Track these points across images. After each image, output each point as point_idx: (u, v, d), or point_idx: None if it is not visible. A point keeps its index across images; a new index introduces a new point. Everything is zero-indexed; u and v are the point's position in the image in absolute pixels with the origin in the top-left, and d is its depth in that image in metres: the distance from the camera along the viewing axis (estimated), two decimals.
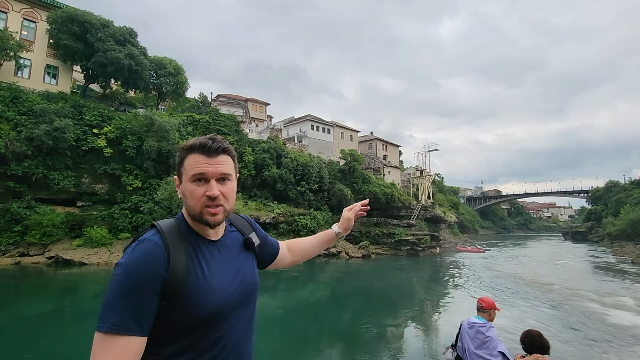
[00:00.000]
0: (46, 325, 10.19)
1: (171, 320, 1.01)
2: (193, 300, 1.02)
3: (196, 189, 1.11)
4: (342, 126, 45.24)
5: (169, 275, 1.00)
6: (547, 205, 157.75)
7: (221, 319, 1.09)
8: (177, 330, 1.02)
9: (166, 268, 1.00)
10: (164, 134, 23.25)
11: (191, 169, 1.12)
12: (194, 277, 1.05)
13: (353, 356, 8.77)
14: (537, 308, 13.61)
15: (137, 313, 0.95)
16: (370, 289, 17.89)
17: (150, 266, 0.99)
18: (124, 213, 22.39)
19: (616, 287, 18.66)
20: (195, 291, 1.03)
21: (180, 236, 1.10)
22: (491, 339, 3.52)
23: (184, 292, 1.01)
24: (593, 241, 59.60)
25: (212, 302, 1.06)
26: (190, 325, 1.03)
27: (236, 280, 1.16)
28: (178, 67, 30.26)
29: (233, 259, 1.22)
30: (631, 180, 67.70)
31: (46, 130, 19.56)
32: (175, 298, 1.00)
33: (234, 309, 1.13)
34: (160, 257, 1.01)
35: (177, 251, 1.04)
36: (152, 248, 1.02)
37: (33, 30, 24.67)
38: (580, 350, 9.03)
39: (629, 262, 31.81)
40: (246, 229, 1.35)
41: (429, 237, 36.16)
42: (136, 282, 0.96)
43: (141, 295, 0.96)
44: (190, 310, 1.02)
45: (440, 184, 69.37)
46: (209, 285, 1.07)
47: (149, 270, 0.98)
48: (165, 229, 1.08)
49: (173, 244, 1.05)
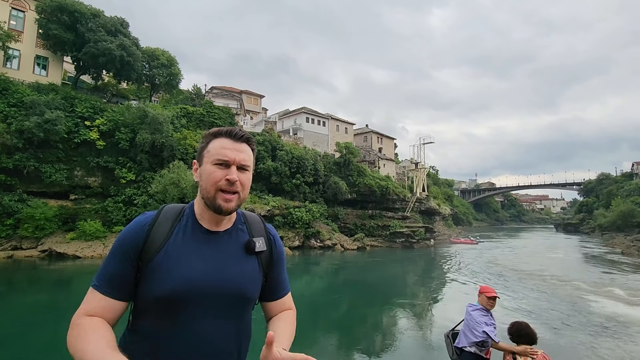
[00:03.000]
0: (40, 319, 10.15)
1: (142, 294, 1.11)
2: (156, 275, 1.09)
3: (216, 171, 1.14)
4: (337, 119, 45.09)
5: (144, 248, 1.11)
6: (539, 197, 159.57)
7: (182, 307, 1.07)
8: (145, 306, 1.11)
9: (144, 241, 1.12)
10: (157, 126, 22.99)
11: (216, 152, 1.15)
12: (164, 255, 1.11)
13: (349, 346, 8.88)
14: (527, 298, 13.83)
15: (110, 276, 1.10)
16: (365, 281, 18.04)
17: (131, 237, 1.13)
18: (118, 206, 22.24)
19: (606, 278, 19.02)
20: (160, 268, 1.09)
21: (175, 218, 1.18)
22: (472, 319, 3.78)
23: (150, 266, 1.10)
24: (584, 233, 60.55)
25: (171, 282, 1.07)
26: (154, 302, 1.08)
27: (210, 270, 1.12)
28: (171, 59, 29.84)
29: (222, 253, 1.17)
30: (622, 172, 68.69)
31: (37, 123, 19.25)
32: (143, 271, 1.10)
33: (197, 300, 1.08)
34: (142, 231, 1.13)
35: (161, 229, 1.14)
36: (140, 221, 1.16)
37: (22, 19, 24.10)
38: (569, 340, 9.22)
39: (619, 253, 32.40)
40: (256, 232, 1.29)
41: (424, 230, 36.47)
42: (116, 249, 1.13)
43: (116, 261, 1.11)
44: (154, 285, 1.08)
45: (434, 177, 69.71)
46: (174, 265, 1.10)
47: (128, 240, 1.13)
48: (166, 210, 1.20)
49: (162, 222, 1.15)
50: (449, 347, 4.09)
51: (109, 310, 1.08)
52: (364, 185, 34.68)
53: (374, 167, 41.50)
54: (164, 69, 28.99)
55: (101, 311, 1.07)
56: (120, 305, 1.11)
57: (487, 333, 3.63)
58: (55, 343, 8.24)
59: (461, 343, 3.87)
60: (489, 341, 3.64)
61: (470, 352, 3.76)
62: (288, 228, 27.86)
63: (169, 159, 23.47)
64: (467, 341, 3.78)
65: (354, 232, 32.85)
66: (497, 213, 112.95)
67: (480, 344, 3.68)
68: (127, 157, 23.25)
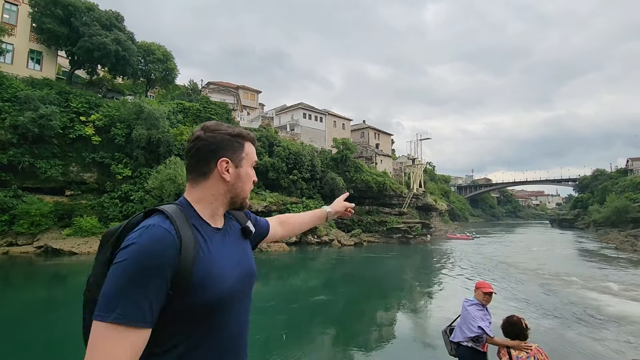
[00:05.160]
0: (36, 315, 10.14)
1: (173, 308, 0.97)
2: (199, 287, 1.00)
3: (253, 174, 1.25)
4: (334, 114, 45.01)
5: (180, 263, 0.97)
6: (535, 193, 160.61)
7: (224, 308, 1.08)
8: (177, 319, 0.99)
9: (178, 255, 0.97)
10: (153, 121, 22.85)
11: (253, 157, 1.24)
12: (201, 263, 1.02)
13: (346, 342, 8.93)
14: (522, 292, 13.96)
15: (146, 302, 0.89)
16: (362, 276, 18.13)
17: (163, 252, 0.94)
18: (114, 202, 22.15)
19: (600, 272, 19.22)
20: (202, 279, 1.01)
21: (186, 222, 1.07)
22: (467, 314, 3.84)
23: (192, 280, 0.98)
24: (579, 228, 61.05)
25: (217, 289, 1.04)
26: (193, 314, 1.00)
27: (238, 269, 1.16)
28: (167, 54, 29.59)
29: (235, 247, 1.22)
30: (617, 168, 69.22)
31: (31, 118, 19.08)
32: (182, 286, 0.97)
33: (236, 298, 1.12)
34: (172, 244, 0.97)
35: (186, 238, 1.01)
36: (163, 234, 0.96)
37: (15, 13, 23.79)
38: (563, 334, 9.33)
39: (613, 248, 32.73)
40: (242, 218, 1.36)
41: (420, 225, 36.62)
42: (147, 268, 0.91)
43: (152, 283, 0.91)
44: (195, 298, 0.99)
45: (431, 173, 69.93)
46: (213, 271, 1.05)
47: (161, 256, 0.93)
48: (173, 213, 1.05)
49: (182, 230, 1.02)
50: (447, 343, 4.15)
51: (143, 346, 0.91)
52: (361, 181, 34.73)
53: (371, 163, 41.54)
54: (160, 63, 28.77)
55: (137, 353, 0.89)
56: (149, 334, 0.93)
57: (482, 328, 3.69)
58: (51, 339, 8.24)
59: (457, 338, 3.93)
60: (484, 336, 3.70)
61: (467, 347, 3.82)
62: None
63: (165, 155, 23.37)
64: (462, 336, 3.84)
65: (351, 228, 32.94)
66: (493, 209, 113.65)
67: (476, 339, 3.73)
68: (123, 152, 23.12)
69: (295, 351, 8.01)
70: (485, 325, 3.73)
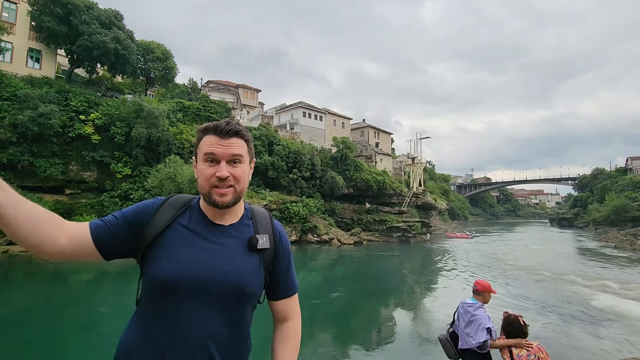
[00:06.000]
0: (36, 313, 10.14)
1: (145, 274, 1.15)
2: (155, 256, 1.13)
3: (206, 169, 1.16)
4: (334, 113, 44.96)
5: (147, 226, 1.16)
6: (535, 192, 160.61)
7: (174, 295, 1.08)
8: (145, 289, 1.15)
9: (149, 220, 1.17)
10: (153, 120, 22.83)
11: (203, 149, 1.18)
12: (164, 239, 1.15)
13: (345, 340, 8.95)
14: (521, 291, 13.98)
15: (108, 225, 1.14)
16: (362, 275, 18.15)
17: (140, 211, 1.20)
18: (114, 201, 22.13)
19: (599, 271, 19.24)
20: (160, 249, 1.14)
21: (181, 207, 1.23)
22: (477, 318, 3.68)
23: (153, 250, 1.14)
24: (578, 227, 61.09)
25: (166, 268, 1.10)
26: (151, 283, 1.12)
27: (208, 260, 1.12)
28: (166, 52, 29.53)
29: (225, 245, 1.17)
30: (617, 167, 69.22)
31: (31, 117, 19.05)
32: (148, 251, 1.15)
33: (193, 292, 1.08)
34: (149, 210, 1.20)
35: (164, 215, 1.19)
36: (149, 202, 1.24)
37: (14, 12, 23.73)
38: (562, 332, 9.35)
39: (612, 247, 32.76)
40: (262, 228, 1.28)
41: (420, 224, 36.64)
42: (125, 214, 1.19)
43: (122, 220, 1.16)
44: (152, 267, 1.12)
45: (431, 172, 69.95)
46: (172, 249, 1.13)
47: (137, 212, 1.19)
48: (174, 198, 1.26)
49: (166, 209, 1.21)
50: (450, 349, 3.96)
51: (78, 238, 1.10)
52: (360, 180, 34.72)
53: (371, 162, 41.53)
54: (159, 62, 28.70)
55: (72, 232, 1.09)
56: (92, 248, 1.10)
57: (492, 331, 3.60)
58: (51, 338, 8.24)
59: (466, 344, 3.73)
60: (489, 341, 3.59)
61: (474, 351, 3.69)
62: (285, 223, 27.88)
63: (165, 154, 23.35)
64: (474, 341, 3.66)
65: (351, 227, 32.95)
66: (493, 208, 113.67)
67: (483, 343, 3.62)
68: (122, 151, 23.10)
69: None
70: (492, 325, 3.65)
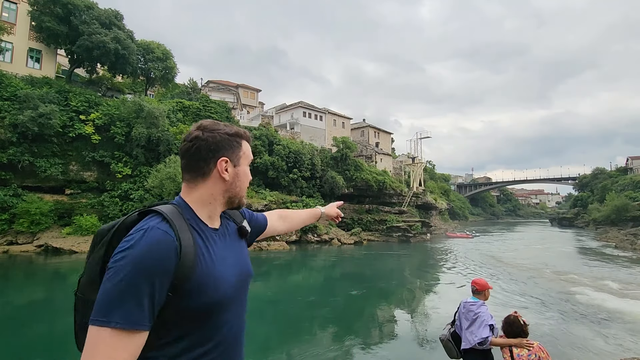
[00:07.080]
0: (36, 314, 10.14)
1: (172, 309, 0.97)
2: (200, 290, 1.00)
3: (249, 172, 1.25)
4: (334, 113, 44.95)
5: (180, 266, 0.96)
6: (535, 192, 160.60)
7: (223, 309, 1.08)
8: (177, 319, 0.99)
9: (178, 258, 0.96)
10: (153, 120, 22.83)
11: (250, 155, 1.24)
12: (202, 266, 1.02)
13: (346, 340, 8.94)
14: (521, 290, 13.98)
15: (145, 306, 0.89)
16: (362, 274, 18.15)
17: (163, 256, 0.93)
18: (114, 201, 22.14)
19: (599, 271, 19.23)
20: (203, 282, 1.01)
21: (185, 224, 1.05)
22: (479, 316, 3.66)
23: (192, 283, 0.98)
24: (579, 227, 61.08)
25: (217, 290, 1.04)
26: (193, 314, 1.00)
27: (237, 270, 1.16)
28: (166, 52, 29.52)
29: (232, 247, 1.21)
30: (617, 167, 69.21)
31: (31, 117, 19.06)
32: (182, 289, 0.97)
33: (234, 298, 1.13)
34: (172, 247, 0.96)
35: (185, 240, 1.00)
36: (162, 236, 0.95)
37: (14, 12, 23.73)
38: (562, 331, 9.35)
39: (612, 246, 32.76)
40: (237, 217, 1.35)
41: (420, 224, 36.66)
42: (147, 273, 0.90)
43: (151, 287, 0.90)
44: (195, 300, 0.99)
45: (431, 172, 69.94)
46: (214, 273, 1.05)
47: (161, 260, 0.93)
48: (171, 216, 1.02)
49: (181, 232, 1.01)
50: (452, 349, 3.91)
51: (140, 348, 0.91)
52: (361, 179, 34.72)
53: (371, 161, 41.53)
54: (160, 62, 28.69)
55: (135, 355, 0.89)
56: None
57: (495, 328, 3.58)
58: (51, 338, 8.25)
59: (469, 343, 3.67)
60: (490, 337, 3.56)
61: (476, 350, 3.64)
62: None
63: (165, 154, 23.35)
64: (476, 339, 3.62)
65: (351, 227, 32.96)
66: (493, 207, 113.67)
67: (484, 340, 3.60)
68: (122, 151, 23.10)
69: (295, 348, 8.03)
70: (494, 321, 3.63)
